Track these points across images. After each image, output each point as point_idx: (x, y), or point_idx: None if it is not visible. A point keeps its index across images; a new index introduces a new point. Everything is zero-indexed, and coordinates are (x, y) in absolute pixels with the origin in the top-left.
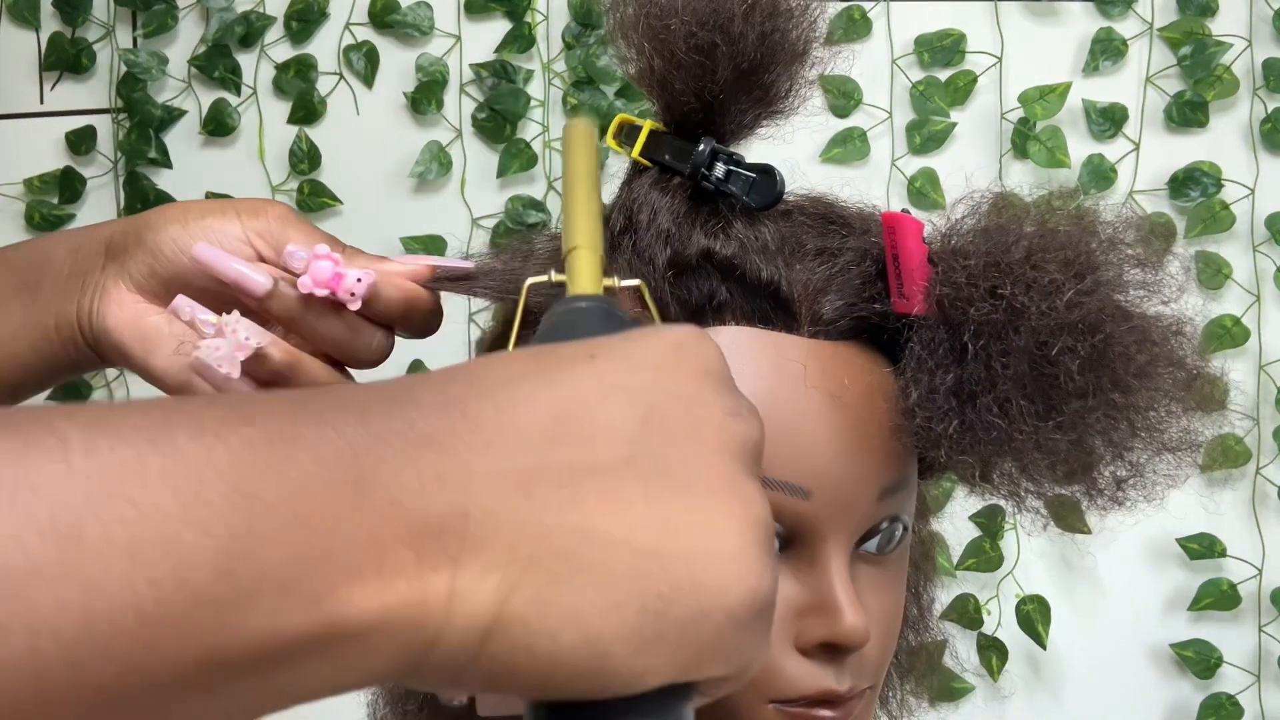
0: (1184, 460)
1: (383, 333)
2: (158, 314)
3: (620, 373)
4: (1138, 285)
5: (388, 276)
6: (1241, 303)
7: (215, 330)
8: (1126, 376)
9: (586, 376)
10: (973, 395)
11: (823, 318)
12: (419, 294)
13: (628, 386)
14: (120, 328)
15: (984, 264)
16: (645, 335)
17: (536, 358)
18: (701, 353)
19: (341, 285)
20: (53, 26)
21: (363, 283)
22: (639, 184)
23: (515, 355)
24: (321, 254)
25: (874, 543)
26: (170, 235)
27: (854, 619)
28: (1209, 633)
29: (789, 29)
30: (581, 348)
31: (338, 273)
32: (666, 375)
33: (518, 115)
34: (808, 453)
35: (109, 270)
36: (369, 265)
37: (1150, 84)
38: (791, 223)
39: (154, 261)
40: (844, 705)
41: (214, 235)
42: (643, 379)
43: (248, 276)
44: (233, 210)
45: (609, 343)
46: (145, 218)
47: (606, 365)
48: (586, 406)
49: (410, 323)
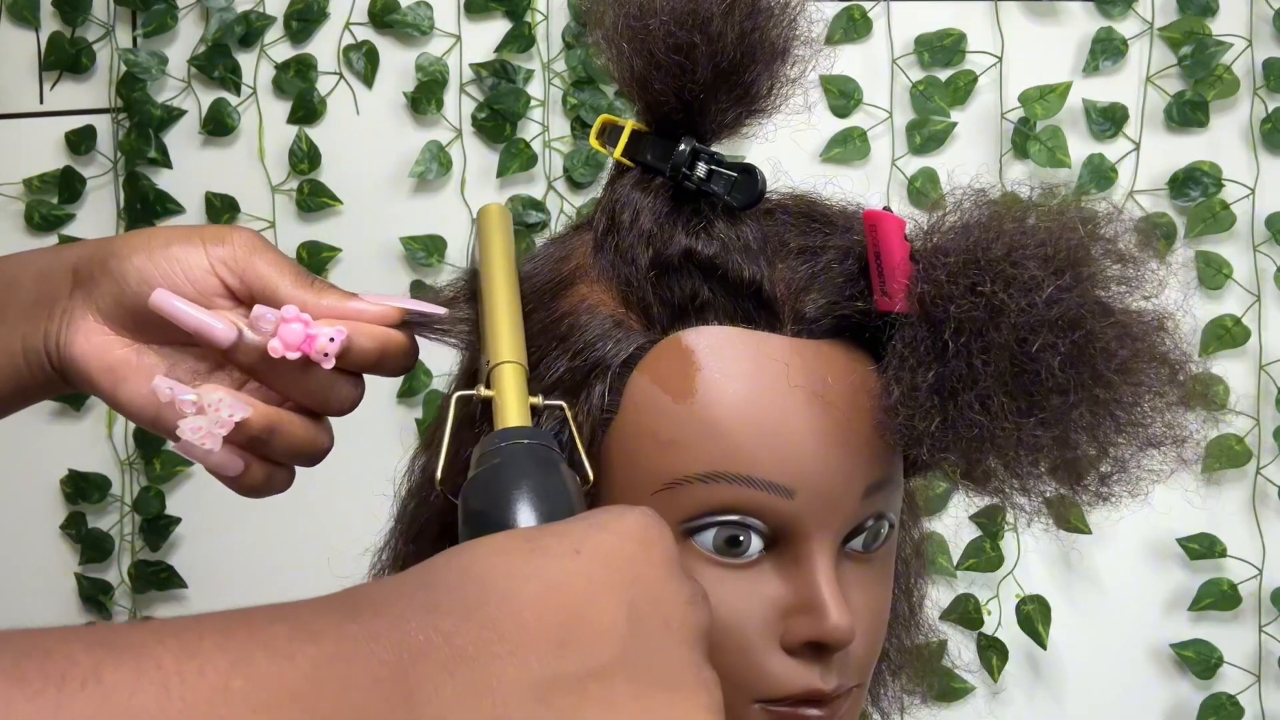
0: (1170, 455)
1: (355, 380)
2: (125, 346)
3: (604, 569)
4: (1119, 280)
5: (359, 329)
6: (1241, 303)
7: (195, 408)
8: (1108, 372)
9: (578, 575)
10: (954, 392)
11: (805, 316)
12: (391, 340)
13: (612, 584)
14: (87, 358)
15: (964, 261)
16: (615, 523)
17: (531, 552)
18: (662, 542)
19: (314, 347)
20: (53, 26)
21: (335, 342)
22: (621, 184)
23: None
24: (290, 316)
25: (859, 540)
26: (135, 265)
27: (839, 618)
28: (1209, 633)
29: (769, 27)
30: (565, 541)
31: (309, 334)
32: (639, 568)
33: (518, 115)
34: (791, 452)
35: (76, 297)
36: (339, 307)
37: (1150, 84)
38: (774, 221)
39: (119, 292)
40: (830, 704)
41: (178, 265)
42: (622, 574)
43: (210, 327)
44: (198, 238)
45: (586, 535)
46: (112, 244)
47: (592, 563)
48: (584, 608)
49: (385, 368)
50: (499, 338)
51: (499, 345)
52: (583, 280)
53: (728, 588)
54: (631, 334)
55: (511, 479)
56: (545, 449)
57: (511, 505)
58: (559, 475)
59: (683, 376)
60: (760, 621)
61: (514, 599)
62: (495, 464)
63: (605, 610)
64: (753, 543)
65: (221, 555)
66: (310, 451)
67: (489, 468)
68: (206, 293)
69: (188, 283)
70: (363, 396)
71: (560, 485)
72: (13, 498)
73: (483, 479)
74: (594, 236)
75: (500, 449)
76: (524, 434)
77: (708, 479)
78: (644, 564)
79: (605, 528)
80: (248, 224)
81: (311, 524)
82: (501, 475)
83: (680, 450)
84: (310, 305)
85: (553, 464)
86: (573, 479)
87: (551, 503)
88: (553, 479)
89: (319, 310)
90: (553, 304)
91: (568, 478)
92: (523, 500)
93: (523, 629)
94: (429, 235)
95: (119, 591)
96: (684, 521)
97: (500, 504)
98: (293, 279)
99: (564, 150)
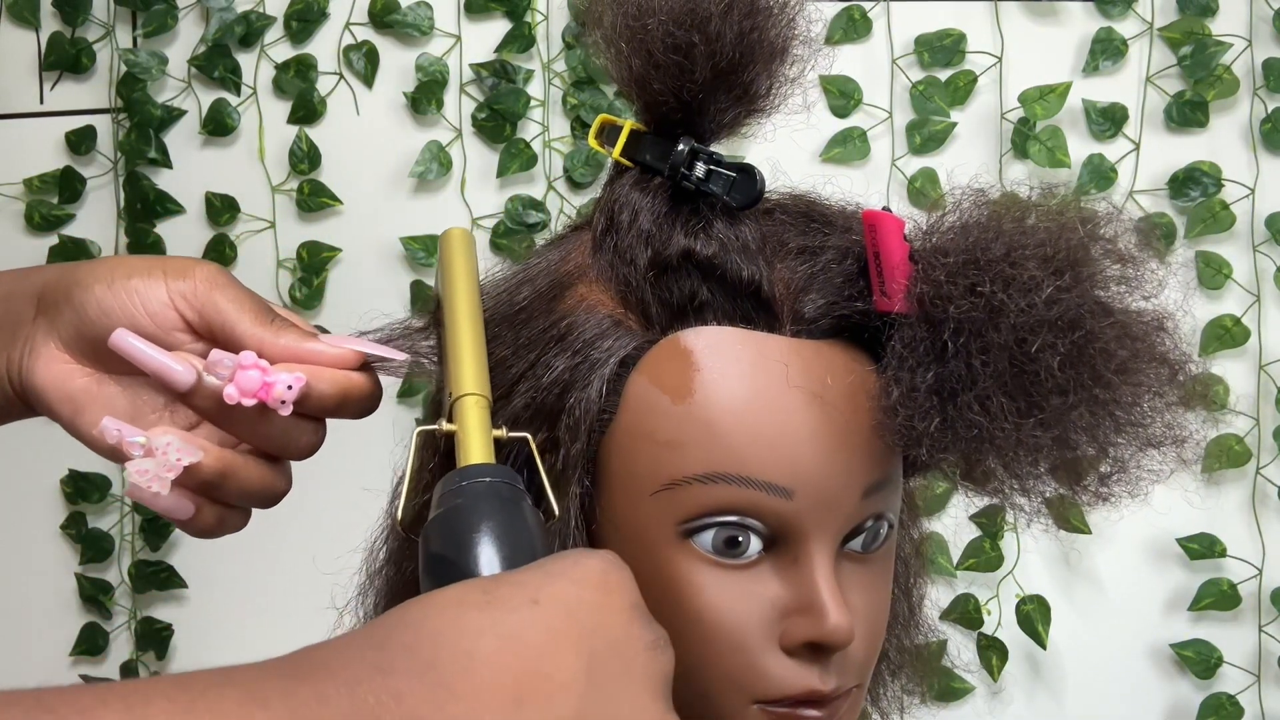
0: (1169, 455)
1: (315, 424)
2: (85, 375)
3: (562, 619)
4: (1118, 281)
5: (319, 374)
6: (1241, 303)
7: (144, 451)
8: (1107, 372)
9: (535, 627)
10: (953, 393)
11: (804, 317)
12: (352, 385)
13: (571, 634)
14: (47, 386)
15: (963, 261)
16: (574, 569)
17: (487, 605)
18: (623, 587)
19: (271, 394)
20: (53, 26)
21: (293, 389)
22: (620, 184)
23: (465, 599)
24: (248, 363)
25: (859, 541)
26: (95, 295)
27: (838, 618)
28: (1209, 633)
29: (767, 27)
30: (522, 591)
31: (265, 382)
32: (599, 616)
33: (518, 115)
34: (790, 452)
35: (39, 324)
36: (297, 348)
37: (1150, 84)
38: (773, 221)
39: (80, 322)
40: (829, 705)
41: (137, 298)
42: (582, 624)
43: (169, 369)
44: (160, 271)
45: (544, 584)
46: (76, 273)
47: (550, 613)
48: (541, 661)
49: (345, 413)
50: (461, 369)
51: (461, 377)
52: (581, 280)
53: (727, 588)
54: (630, 334)
55: (472, 521)
56: (508, 487)
57: (472, 549)
58: (521, 515)
59: (681, 377)
60: (759, 622)
61: (468, 656)
62: (456, 505)
63: (564, 662)
64: (752, 543)
65: (221, 555)
66: (266, 496)
67: (449, 509)
68: (165, 327)
69: (146, 316)
70: (324, 441)
71: (522, 526)
72: (13, 498)
73: (443, 521)
74: (593, 236)
75: (461, 488)
76: (486, 472)
77: (707, 479)
78: (604, 611)
79: (564, 575)
80: (248, 224)
81: (312, 524)
82: (462, 517)
83: (679, 451)
84: (267, 344)
85: (515, 503)
86: (536, 517)
87: (513, 545)
88: (515, 519)
89: (275, 349)
90: (551, 304)
91: (530, 517)
92: (483, 544)
93: (478, 687)
94: (429, 235)
95: (119, 591)
96: (683, 522)
97: (460, 548)
98: (253, 316)
99: (564, 150)
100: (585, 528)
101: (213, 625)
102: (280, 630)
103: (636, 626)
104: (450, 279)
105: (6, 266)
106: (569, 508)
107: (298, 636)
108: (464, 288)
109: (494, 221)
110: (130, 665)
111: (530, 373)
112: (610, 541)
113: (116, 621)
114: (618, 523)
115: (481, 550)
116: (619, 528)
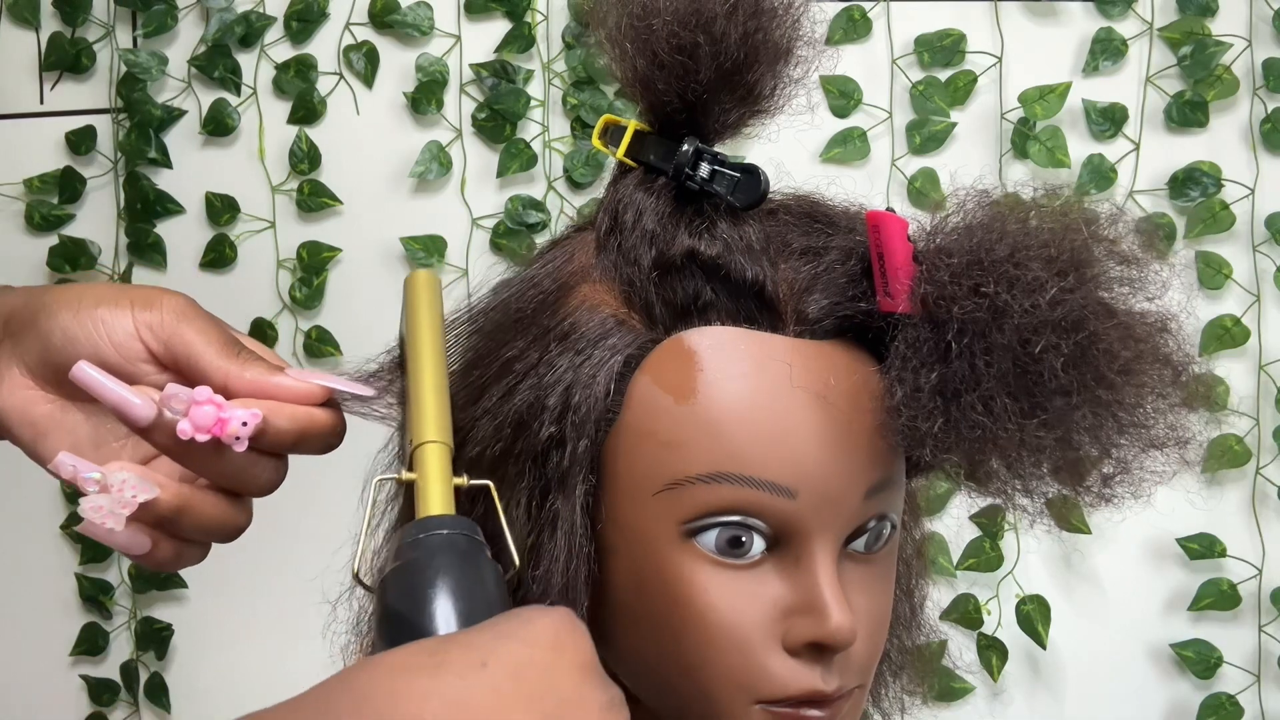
0: (1172, 457)
1: (275, 461)
2: (49, 401)
3: (511, 682)
4: (1122, 282)
5: (278, 409)
6: (1241, 303)
7: (99, 486)
8: (1111, 373)
9: (483, 690)
10: (957, 393)
11: (808, 317)
12: (312, 421)
13: (520, 697)
14: (10, 411)
15: (967, 262)
16: (525, 629)
17: (434, 668)
18: (576, 646)
19: (226, 430)
20: (53, 26)
21: (249, 425)
22: (624, 184)
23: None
24: (202, 398)
25: (861, 541)
26: (60, 324)
27: (841, 619)
28: (1209, 633)
29: (772, 28)
30: (471, 653)
31: (220, 418)
32: (551, 677)
33: (518, 115)
34: (793, 453)
35: (4, 349)
36: (261, 382)
37: (1150, 84)
38: (776, 222)
39: (44, 350)
40: (831, 705)
41: (103, 327)
42: (532, 686)
43: (129, 404)
44: (127, 301)
45: (494, 645)
46: (43, 298)
47: (499, 676)
48: None
49: (305, 449)
50: (423, 415)
51: (423, 424)
52: (585, 280)
53: (729, 588)
54: (634, 334)
55: (428, 576)
56: (466, 539)
57: (427, 606)
58: (478, 569)
59: (685, 377)
60: (762, 622)
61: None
62: (413, 558)
63: None
64: (754, 543)
65: (222, 555)
66: (224, 531)
67: (406, 562)
68: (130, 357)
69: (111, 346)
70: (284, 477)
71: (479, 580)
72: (13, 498)
73: (398, 575)
74: (596, 237)
75: (419, 540)
76: (444, 523)
77: (709, 479)
78: (555, 672)
79: (514, 635)
80: (248, 224)
81: (313, 524)
82: (418, 571)
83: (682, 451)
84: (233, 377)
85: (473, 556)
86: (494, 571)
87: (469, 601)
88: (472, 573)
89: (240, 383)
90: (555, 304)
91: (488, 570)
92: (439, 600)
93: None
94: (429, 235)
95: (119, 591)
96: (686, 522)
97: (416, 604)
98: (219, 349)
99: (564, 150)
100: (590, 527)
101: (213, 625)
102: (280, 631)
103: (589, 687)
104: (414, 323)
105: (7, 266)
106: (574, 508)
107: (298, 636)
108: (428, 332)
109: (494, 221)
110: (130, 665)
111: (534, 371)
112: (614, 541)
113: (116, 621)
114: (621, 522)
115: (437, 607)
116: (622, 527)
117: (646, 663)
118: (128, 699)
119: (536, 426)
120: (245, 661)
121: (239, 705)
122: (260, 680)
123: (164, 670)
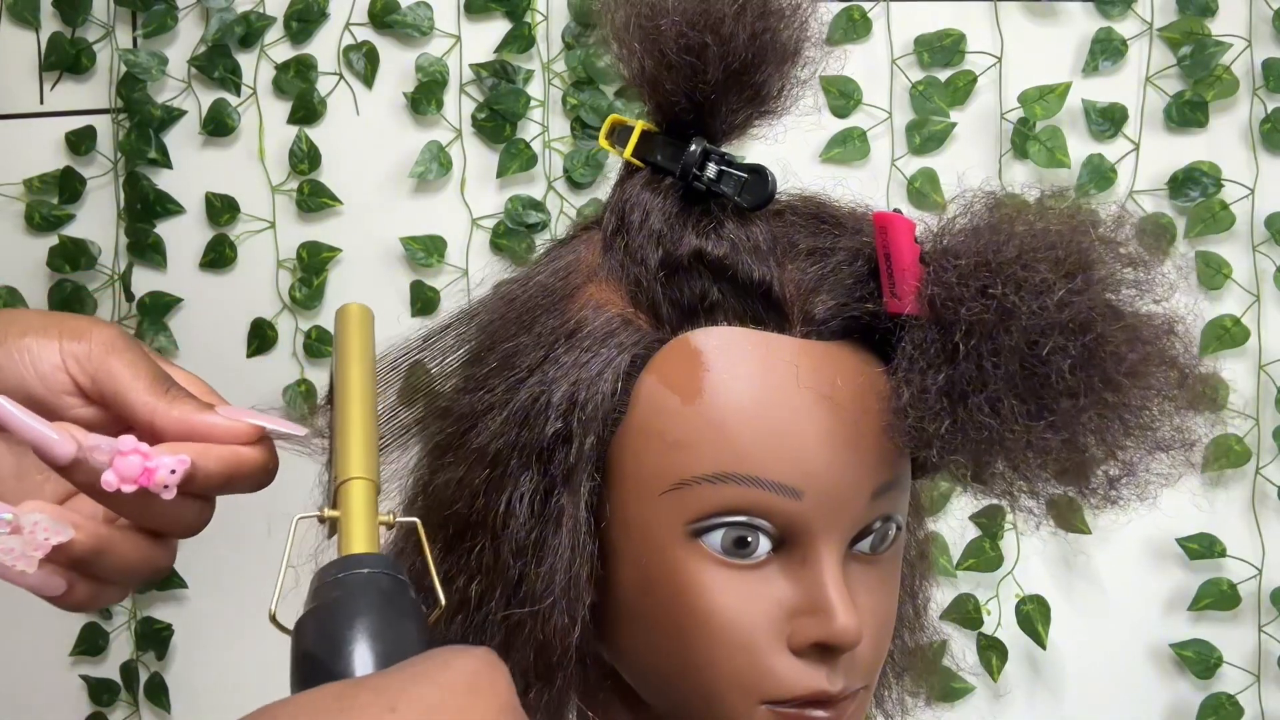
0: (1177, 459)
1: (202, 504)
2: None
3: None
4: (1129, 284)
5: (207, 452)
6: (1241, 303)
7: (11, 527)
8: (1118, 375)
9: None
10: (964, 395)
11: (815, 318)
12: (242, 463)
13: None
14: None
15: (975, 263)
16: (440, 672)
17: (340, 713)
18: (494, 689)
19: (153, 480)
20: (53, 26)
21: (177, 473)
22: (631, 184)
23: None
24: (126, 448)
25: (867, 542)
26: None
27: (846, 619)
28: (1209, 633)
29: (780, 29)
30: (381, 698)
31: (147, 467)
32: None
33: (518, 115)
34: (800, 453)
35: None
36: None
37: (1150, 84)
38: (783, 222)
39: None
40: (836, 706)
41: (28, 357)
42: None
43: (48, 440)
44: (55, 330)
45: (405, 689)
46: None
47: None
48: None
49: (235, 489)
50: (349, 451)
51: (348, 459)
52: (592, 280)
53: (735, 589)
54: (640, 334)
55: (346, 617)
56: (389, 578)
57: (344, 648)
58: (399, 609)
59: (691, 377)
60: (767, 622)
61: None
62: (332, 598)
63: None
64: (760, 544)
65: (222, 555)
66: (145, 572)
67: (324, 603)
68: (55, 389)
69: (36, 377)
70: (210, 518)
71: (399, 621)
72: None
73: (315, 616)
74: (603, 236)
75: (338, 580)
76: (365, 562)
77: (716, 480)
78: (469, 715)
79: (427, 678)
80: (248, 224)
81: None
82: (336, 612)
83: (688, 451)
84: (160, 414)
85: (394, 596)
86: (417, 610)
87: (388, 643)
88: (392, 614)
89: (168, 421)
90: (561, 303)
91: (410, 610)
92: (357, 642)
93: None
94: (429, 235)
95: None
96: (692, 522)
97: (332, 646)
98: (147, 384)
99: (564, 150)
100: (595, 527)
101: (213, 625)
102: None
103: None
104: (344, 357)
105: (7, 266)
106: (578, 505)
107: None
108: (357, 366)
109: (494, 222)
110: (130, 665)
111: (540, 367)
112: (619, 540)
113: (116, 621)
114: (627, 522)
115: (355, 649)
116: (628, 527)
117: (651, 662)
118: (128, 699)
119: (542, 421)
120: (245, 661)
121: (239, 705)
122: (260, 680)
123: (164, 670)
